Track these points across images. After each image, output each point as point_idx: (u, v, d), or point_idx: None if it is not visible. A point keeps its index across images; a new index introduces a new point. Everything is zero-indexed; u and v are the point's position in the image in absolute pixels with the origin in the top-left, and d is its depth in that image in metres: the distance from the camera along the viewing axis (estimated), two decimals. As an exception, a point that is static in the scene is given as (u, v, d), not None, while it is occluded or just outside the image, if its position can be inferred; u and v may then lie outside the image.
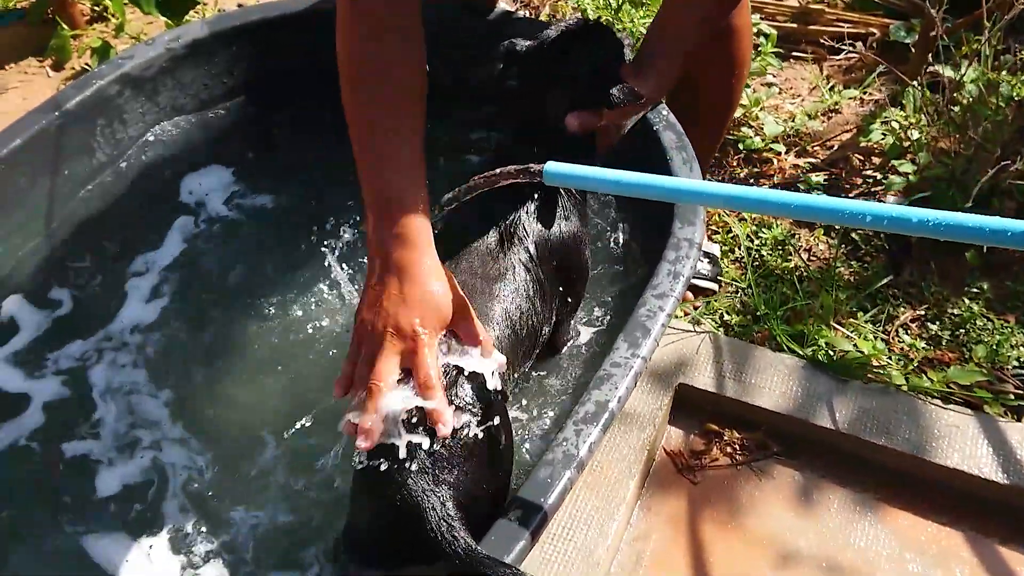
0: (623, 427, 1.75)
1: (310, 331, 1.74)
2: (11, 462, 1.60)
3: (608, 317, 1.75)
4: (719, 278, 2.11)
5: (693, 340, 1.90)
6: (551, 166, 1.22)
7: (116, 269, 1.86)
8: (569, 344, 1.70)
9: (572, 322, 1.68)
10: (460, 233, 1.48)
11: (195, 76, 2.04)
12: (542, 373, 1.66)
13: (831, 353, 1.90)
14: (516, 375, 1.50)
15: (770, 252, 2.21)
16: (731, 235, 2.23)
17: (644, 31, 1.87)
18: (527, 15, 2.87)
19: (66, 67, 2.86)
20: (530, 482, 1.27)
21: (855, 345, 1.90)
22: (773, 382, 1.82)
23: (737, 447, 1.80)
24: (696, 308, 2.04)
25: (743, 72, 1.95)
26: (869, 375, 1.85)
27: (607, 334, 1.70)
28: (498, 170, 1.28)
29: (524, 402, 1.62)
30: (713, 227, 2.26)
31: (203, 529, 1.50)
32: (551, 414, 1.61)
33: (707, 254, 2.13)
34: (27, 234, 1.84)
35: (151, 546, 1.48)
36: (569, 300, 1.60)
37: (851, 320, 2.00)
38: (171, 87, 2.02)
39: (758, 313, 2.01)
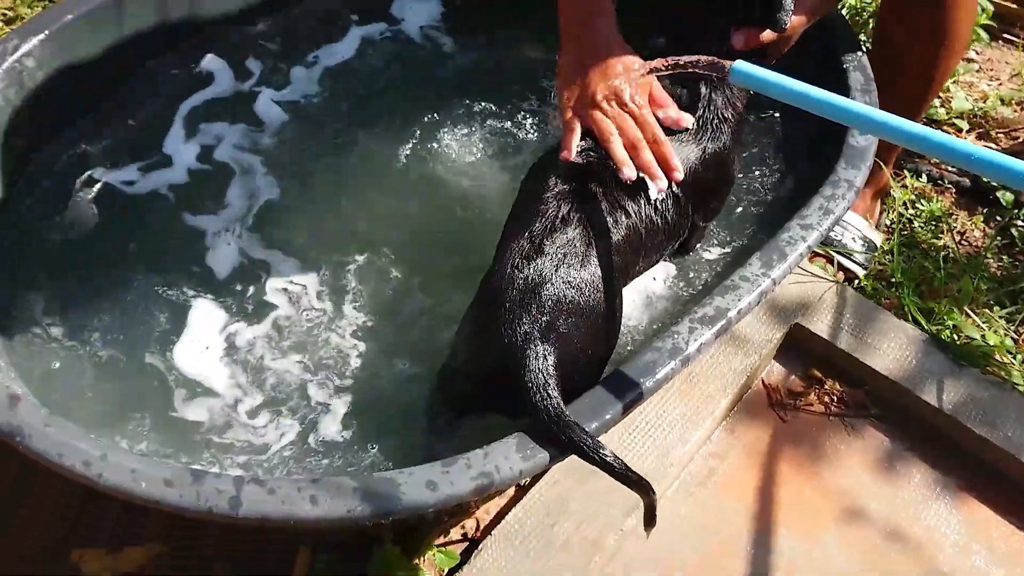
0: (730, 347, 1.78)
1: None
2: (143, 208, 1.75)
3: (746, 239, 1.76)
4: (867, 267, 2.06)
5: (820, 286, 1.89)
6: (740, 64, 1.23)
7: (295, 57, 1.98)
8: (698, 246, 1.72)
9: (704, 233, 1.70)
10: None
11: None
12: (663, 271, 1.70)
13: (955, 337, 1.87)
14: (636, 274, 1.54)
15: (923, 225, 2.16)
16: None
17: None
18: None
19: None
20: (635, 361, 1.32)
21: (983, 336, 1.86)
22: (889, 347, 1.80)
23: (835, 399, 1.81)
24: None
25: (955, 47, 1.82)
26: (988, 367, 1.81)
27: (743, 253, 1.71)
28: (686, 57, 1.29)
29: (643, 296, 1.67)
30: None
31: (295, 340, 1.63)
32: (661, 308, 1.66)
33: (867, 240, 2.07)
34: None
35: (235, 332, 1.61)
36: (708, 208, 1.63)
37: (985, 311, 1.96)
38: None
39: (892, 279, 1.98)
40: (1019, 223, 2.18)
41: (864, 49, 1.78)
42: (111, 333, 1.61)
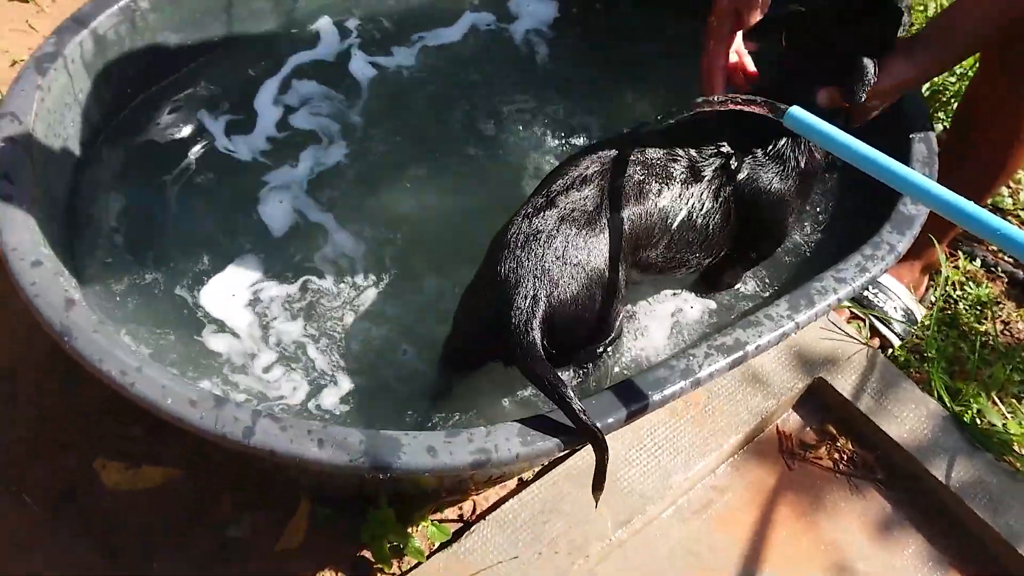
0: (750, 387, 1.82)
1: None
2: (222, 157, 1.88)
3: (781, 284, 1.80)
4: (903, 337, 2.07)
5: (851, 346, 1.91)
6: (796, 110, 1.28)
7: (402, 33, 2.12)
8: (732, 290, 1.77)
9: (740, 276, 1.75)
10: (690, 127, 1.58)
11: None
12: (697, 301, 1.75)
13: (978, 420, 1.88)
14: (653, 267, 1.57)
15: (968, 308, 2.16)
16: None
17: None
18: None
19: None
20: (646, 374, 1.37)
21: (1005, 424, 1.87)
22: (908, 416, 1.82)
23: (845, 457, 1.83)
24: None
25: None
26: (1004, 455, 1.82)
27: (773, 295, 1.75)
28: (745, 96, 1.35)
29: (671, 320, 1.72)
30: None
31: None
32: (685, 336, 1.70)
33: (908, 311, 2.08)
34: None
35: (264, 288, 1.72)
36: (749, 250, 1.66)
37: (1014, 400, 1.96)
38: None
39: (926, 354, 2.00)
40: (1065, 323, 2.17)
41: (933, 125, 1.81)
42: (163, 260, 1.73)
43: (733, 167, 1.52)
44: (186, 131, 1.91)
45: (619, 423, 1.32)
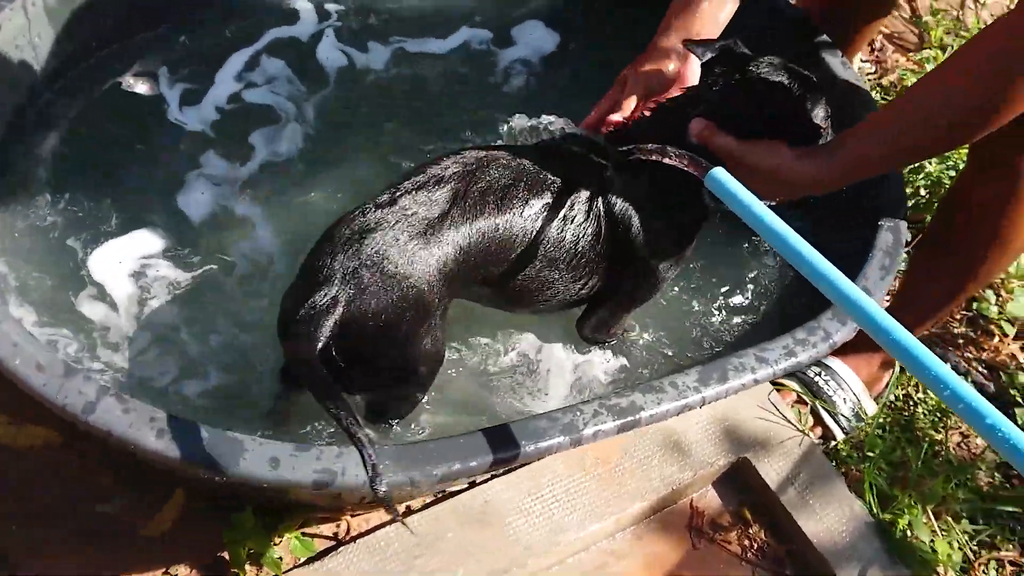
0: (669, 454, 1.73)
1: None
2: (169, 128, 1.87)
3: (699, 350, 1.73)
4: (848, 432, 1.95)
5: (786, 430, 1.82)
6: (719, 172, 1.20)
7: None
8: (604, 346, 1.70)
9: (614, 322, 1.65)
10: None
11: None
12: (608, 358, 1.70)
13: (907, 533, 1.77)
14: (502, 291, 1.48)
15: (927, 413, 2.05)
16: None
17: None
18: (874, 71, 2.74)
19: None
20: (527, 422, 1.29)
21: (933, 541, 1.76)
22: (829, 515, 1.72)
23: (755, 545, 1.73)
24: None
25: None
26: (923, 574, 1.71)
27: (689, 362, 1.68)
28: (674, 149, 1.27)
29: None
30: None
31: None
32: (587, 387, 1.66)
33: (859, 407, 1.95)
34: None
35: (159, 265, 1.68)
36: (622, 286, 1.57)
37: (950, 520, 1.84)
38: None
39: (867, 453, 1.89)
40: (1028, 447, 2.05)
41: (906, 214, 1.72)
42: (71, 208, 1.70)
43: (608, 182, 1.44)
44: (142, 90, 1.88)
45: (481, 468, 1.25)
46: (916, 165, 2.28)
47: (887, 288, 1.63)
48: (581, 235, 1.44)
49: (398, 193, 1.32)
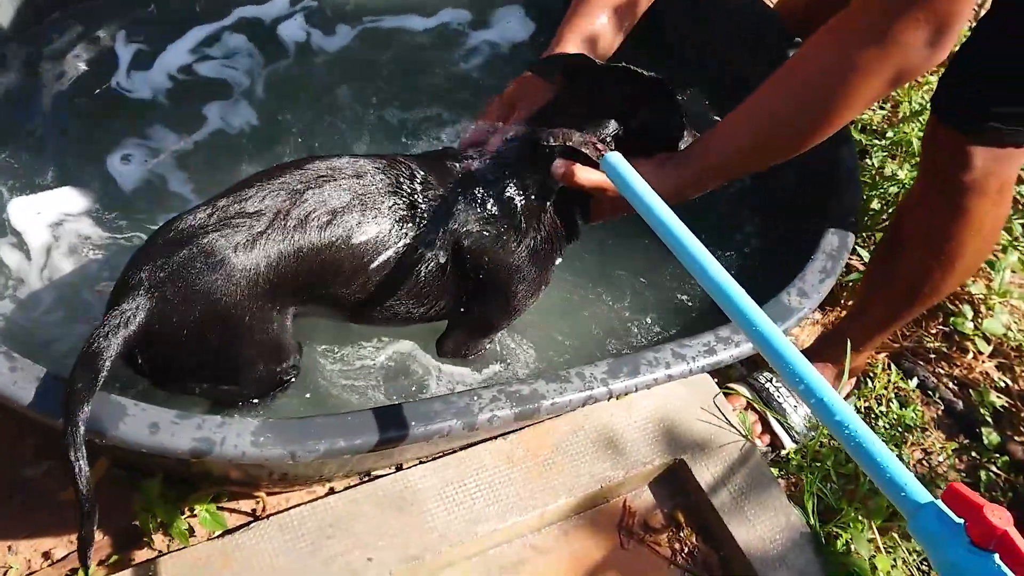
0: (602, 451, 1.70)
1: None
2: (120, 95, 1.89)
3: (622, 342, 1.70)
4: (798, 442, 1.90)
5: (726, 434, 1.78)
6: (614, 156, 1.18)
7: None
8: (468, 361, 1.65)
9: (472, 345, 1.62)
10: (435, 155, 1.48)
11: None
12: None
13: (847, 546, 1.72)
14: (338, 310, 1.44)
15: (887, 427, 2.00)
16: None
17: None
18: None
19: None
20: (420, 404, 1.28)
21: (873, 557, 1.70)
22: (762, 523, 1.68)
23: (686, 549, 1.69)
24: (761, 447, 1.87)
25: (973, 242, 1.62)
26: (857, 589, 1.66)
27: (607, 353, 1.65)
28: (566, 131, 1.25)
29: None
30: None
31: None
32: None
33: (810, 417, 1.90)
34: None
35: (77, 224, 1.70)
36: (474, 312, 1.53)
37: (896, 536, 1.79)
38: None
39: (812, 462, 1.84)
40: (992, 468, 1.99)
41: (856, 222, 1.68)
42: (7, 156, 1.75)
43: (452, 211, 1.38)
44: (99, 50, 1.90)
45: (364, 448, 1.23)
46: (888, 173, 2.22)
47: (826, 291, 1.59)
48: (422, 265, 1.39)
49: (230, 201, 1.28)
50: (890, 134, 2.29)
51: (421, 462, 1.64)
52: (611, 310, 1.79)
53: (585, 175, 1.34)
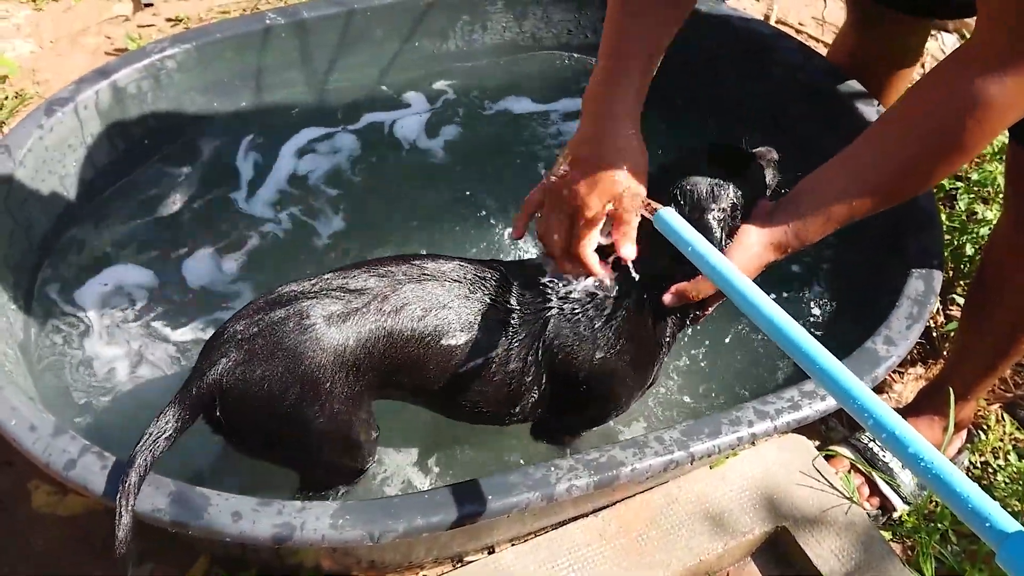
0: (699, 522, 1.64)
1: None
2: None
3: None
4: (911, 503, 1.80)
5: (830, 498, 1.69)
6: (667, 212, 1.17)
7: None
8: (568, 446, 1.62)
9: (569, 437, 1.60)
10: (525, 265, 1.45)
11: (563, 19, 2.18)
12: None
13: (975, 613, 1.60)
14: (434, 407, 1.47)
15: (1008, 482, 1.87)
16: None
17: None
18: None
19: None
20: (493, 477, 1.27)
21: (1005, 622, 1.58)
22: (878, 592, 1.58)
23: (797, 623, 1.61)
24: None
25: None
26: (989, 658, 1.54)
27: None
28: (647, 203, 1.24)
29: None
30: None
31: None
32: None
33: None
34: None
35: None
36: (576, 414, 1.51)
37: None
38: (539, 18, 2.17)
39: (927, 523, 1.73)
40: None
41: (943, 263, 1.62)
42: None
43: (550, 322, 1.36)
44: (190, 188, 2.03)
45: (446, 524, 1.23)
46: (979, 216, 2.14)
47: (914, 338, 1.52)
48: (512, 375, 1.38)
49: (324, 279, 1.33)
50: (975, 176, 2.21)
51: (512, 544, 1.61)
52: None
53: (701, 285, 1.29)
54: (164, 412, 1.23)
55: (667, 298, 1.31)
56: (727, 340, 1.80)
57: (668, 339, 1.42)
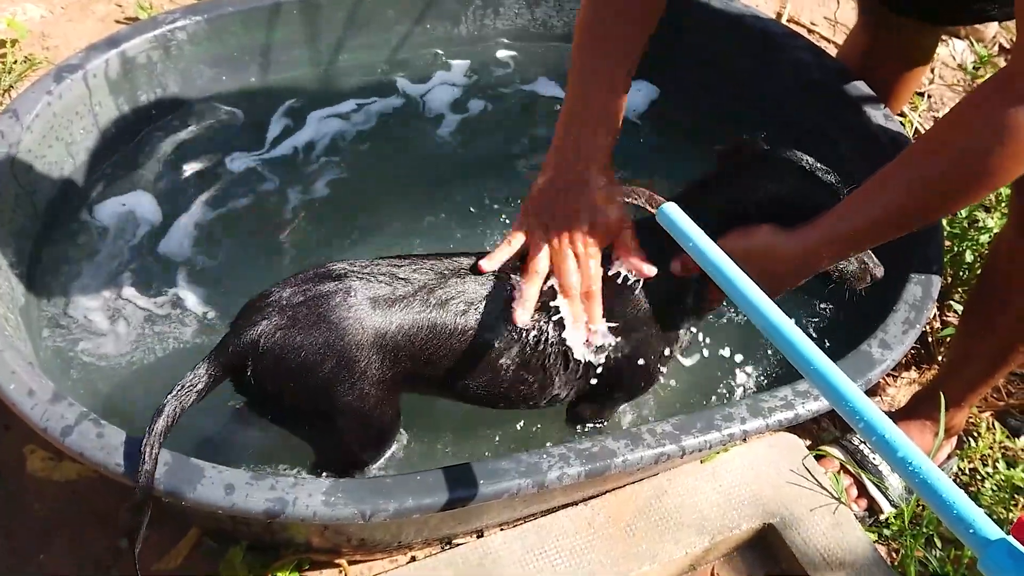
0: (687, 517, 1.65)
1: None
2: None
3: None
4: (898, 505, 1.81)
5: (819, 499, 1.71)
6: (669, 207, 1.18)
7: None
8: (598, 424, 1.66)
9: (604, 414, 1.63)
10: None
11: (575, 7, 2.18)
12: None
13: (957, 618, 1.62)
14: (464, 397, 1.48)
15: (995, 490, 1.88)
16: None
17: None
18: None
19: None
20: (486, 463, 1.28)
21: (985, 626, 1.59)
22: (860, 592, 1.60)
23: (778, 620, 1.62)
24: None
25: None
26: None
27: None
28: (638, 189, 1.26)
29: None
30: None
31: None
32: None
33: None
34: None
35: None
36: (606, 391, 1.53)
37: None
38: (551, 5, 2.17)
39: (913, 526, 1.74)
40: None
41: (942, 269, 1.63)
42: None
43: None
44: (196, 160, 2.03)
45: (437, 506, 1.23)
46: (980, 224, 2.15)
47: (910, 342, 1.53)
48: (545, 361, 1.42)
49: (372, 262, 1.36)
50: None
51: (501, 528, 1.63)
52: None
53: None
54: (197, 366, 1.26)
55: (674, 265, 1.35)
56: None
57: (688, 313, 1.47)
